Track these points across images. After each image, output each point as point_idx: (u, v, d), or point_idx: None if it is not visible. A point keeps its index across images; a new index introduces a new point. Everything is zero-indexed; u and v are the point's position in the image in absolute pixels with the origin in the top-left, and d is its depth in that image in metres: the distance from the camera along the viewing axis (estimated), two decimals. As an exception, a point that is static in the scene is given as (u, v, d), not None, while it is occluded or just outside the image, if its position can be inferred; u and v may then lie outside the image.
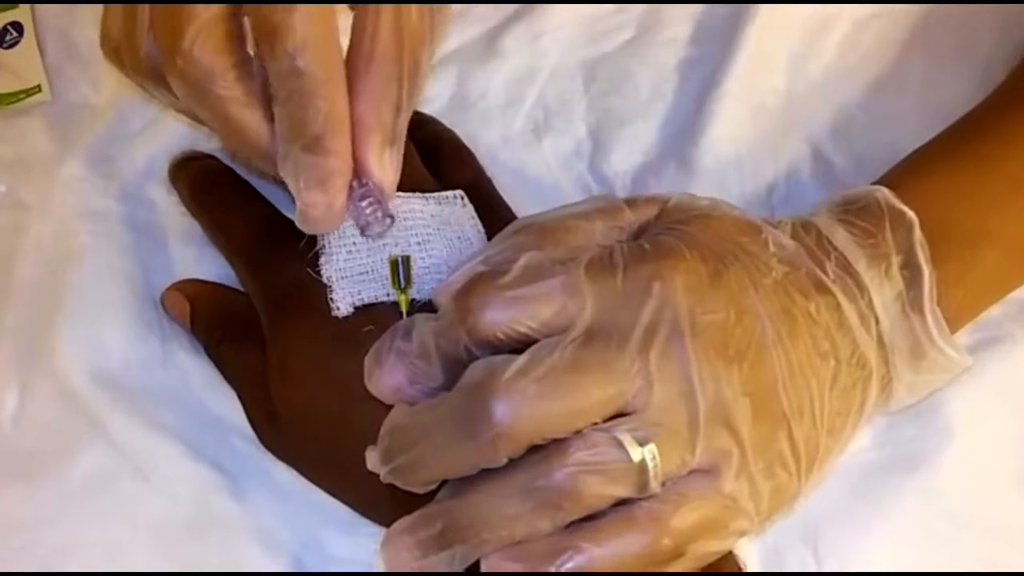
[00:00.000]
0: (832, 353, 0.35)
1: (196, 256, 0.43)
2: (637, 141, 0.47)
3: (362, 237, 0.38)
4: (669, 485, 0.33)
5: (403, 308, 0.37)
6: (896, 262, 0.36)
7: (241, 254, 0.41)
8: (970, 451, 0.40)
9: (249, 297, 0.41)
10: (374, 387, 0.35)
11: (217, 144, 0.45)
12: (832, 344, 0.35)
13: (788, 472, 0.34)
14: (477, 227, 0.40)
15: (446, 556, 0.33)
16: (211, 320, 0.41)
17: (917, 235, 0.37)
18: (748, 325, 0.34)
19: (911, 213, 0.37)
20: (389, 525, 0.34)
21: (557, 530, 0.33)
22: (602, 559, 0.32)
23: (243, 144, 0.36)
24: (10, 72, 0.47)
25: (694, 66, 0.48)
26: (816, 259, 0.36)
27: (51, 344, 0.41)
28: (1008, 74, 0.44)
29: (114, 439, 0.40)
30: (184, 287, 0.42)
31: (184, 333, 0.42)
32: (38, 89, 0.47)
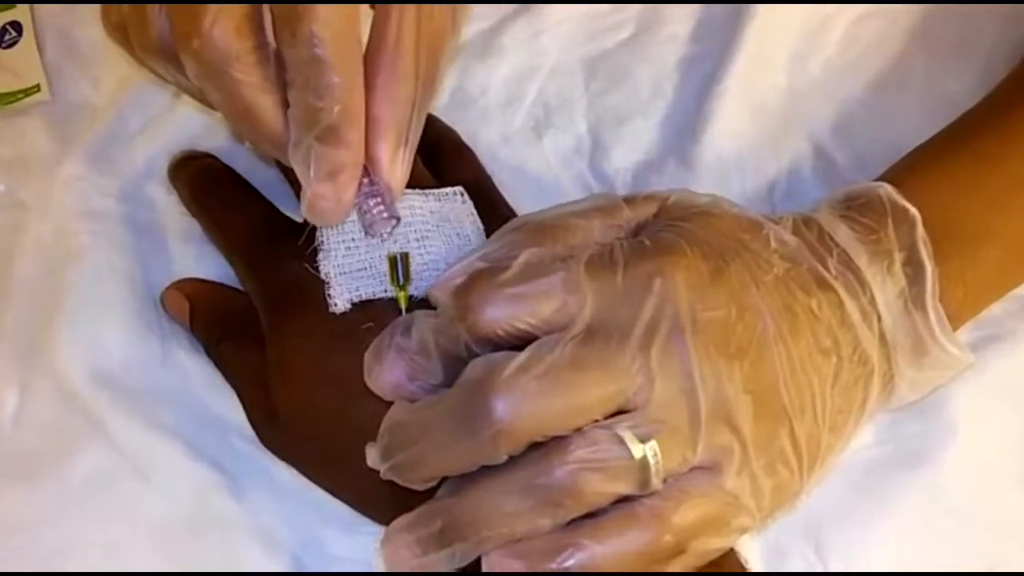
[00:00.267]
0: (834, 350, 0.35)
1: (195, 255, 0.43)
2: (638, 139, 0.46)
3: (361, 234, 0.38)
4: (670, 482, 0.33)
5: (402, 305, 0.37)
6: (899, 259, 0.36)
7: (240, 253, 0.41)
8: (972, 448, 0.40)
9: (249, 296, 0.41)
10: (373, 384, 0.35)
11: (218, 143, 0.45)
12: (834, 341, 0.35)
13: (790, 469, 0.34)
14: (476, 224, 0.40)
15: (446, 554, 0.33)
16: (211, 319, 0.41)
17: (920, 232, 0.37)
18: (749, 322, 0.34)
19: (914, 210, 0.37)
20: (389, 523, 0.34)
21: (558, 528, 0.33)
22: (603, 556, 0.32)
23: (255, 129, 0.35)
24: (9, 72, 0.47)
25: (695, 63, 0.48)
26: (818, 255, 0.36)
27: (51, 344, 0.41)
28: (1010, 71, 0.44)
29: (114, 439, 0.40)
30: (184, 286, 0.42)
31: (184, 332, 0.42)
32: (37, 89, 0.47)
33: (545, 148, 0.47)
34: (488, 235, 0.39)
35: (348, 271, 0.38)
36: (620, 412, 0.33)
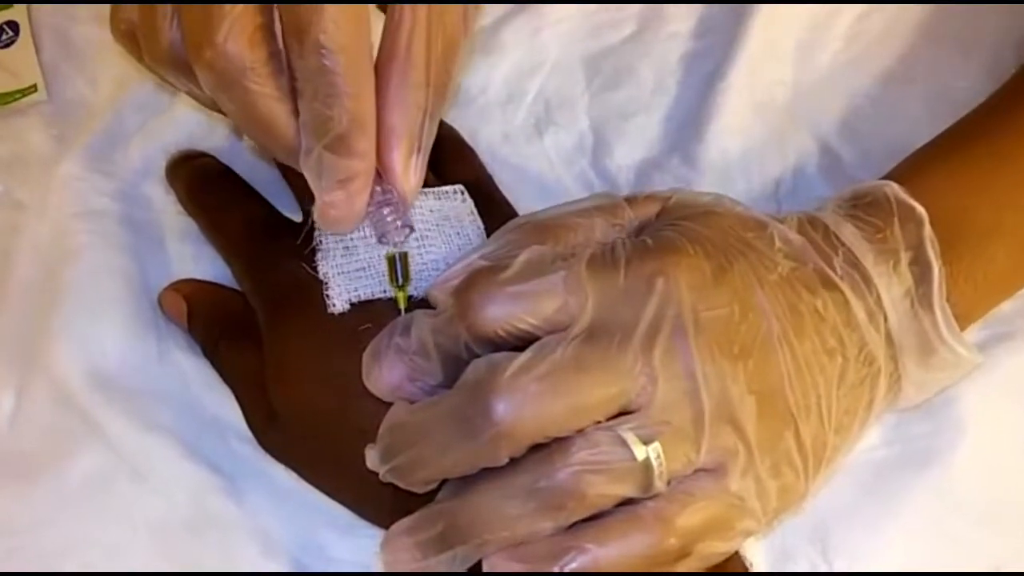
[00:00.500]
0: (839, 350, 0.35)
1: (193, 255, 0.43)
2: (640, 136, 0.46)
3: (360, 234, 0.38)
4: (674, 484, 0.33)
5: (401, 305, 0.37)
6: (905, 258, 0.36)
7: (237, 253, 0.41)
8: (982, 448, 0.40)
9: (247, 297, 0.40)
10: (372, 385, 0.35)
11: (215, 143, 0.45)
12: (839, 341, 0.35)
13: (795, 471, 0.34)
14: (476, 223, 0.40)
15: (447, 557, 0.33)
16: (208, 320, 0.41)
17: (927, 231, 0.36)
18: (753, 322, 0.33)
19: (921, 208, 0.37)
20: (388, 526, 0.34)
21: (560, 530, 0.32)
22: (606, 559, 0.32)
23: (267, 138, 0.35)
24: (6, 72, 0.47)
25: (698, 60, 0.47)
26: (823, 255, 0.36)
27: (48, 344, 0.41)
28: (1020, 67, 0.44)
29: (111, 440, 0.39)
30: (181, 287, 0.42)
31: (181, 333, 0.42)
32: (34, 88, 0.47)
33: (547, 146, 0.46)
34: (489, 234, 0.39)
35: (346, 271, 0.38)
36: (622, 413, 0.32)
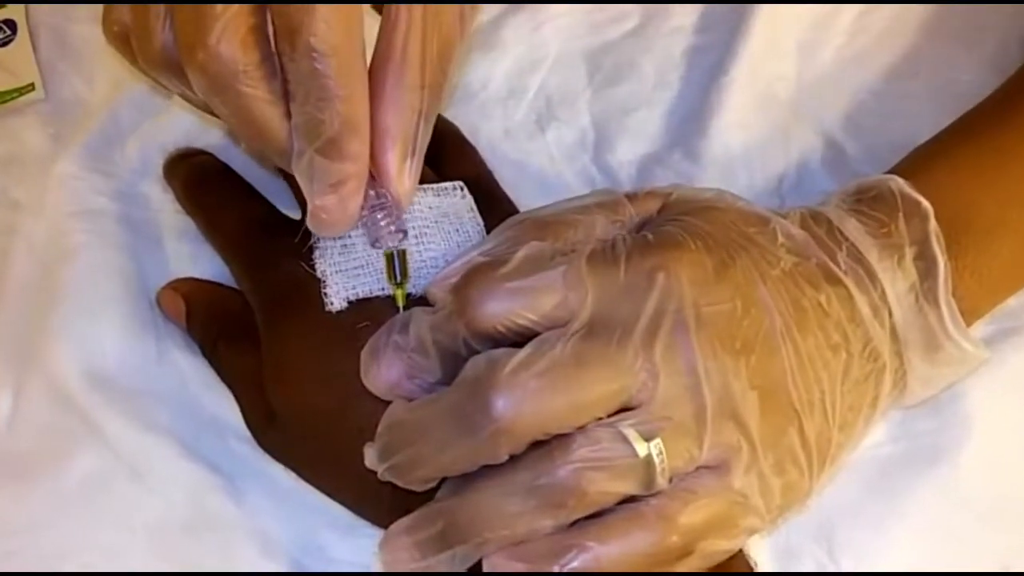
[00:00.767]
0: (843, 346, 0.34)
1: (191, 254, 0.43)
2: (643, 131, 0.46)
3: (358, 231, 0.37)
4: (677, 482, 0.32)
5: (399, 303, 0.36)
6: (910, 253, 0.36)
7: (235, 251, 0.41)
8: (989, 445, 0.39)
9: (245, 295, 0.40)
10: (371, 383, 0.35)
11: (213, 140, 0.45)
12: (843, 336, 0.34)
13: (799, 468, 0.34)
14: (476, 220, 0.40)
15: (446, 557, 0.33)
16: (207, 319, 0.41)
17: (932, 225, 0.36)
18: (756, 317, 0.33)
19: (926, 203, 0.36)
20: (388, 526, 0.34)
21: (561, 529, 0.32)
22: (608, 558, 0.32)
23: (260, 141, 0.35)
24: (4, 70, 0.47)
25: (701, 54, 0.47)
26: (827, 249, 0.36)
27: (45, 344, 0.40)
28: (1023, 61, 0.43)
29: (109, 440, 0.39)
30: (180, 286, 0.42)
31: (180, 332, 0.42)
32: (32, 87, 0.47)
33: (548, 142, 0.46)
34: (489, 231, 0.39)
35: (344, 269, 0.37)
36: (624, 410, 0.32)
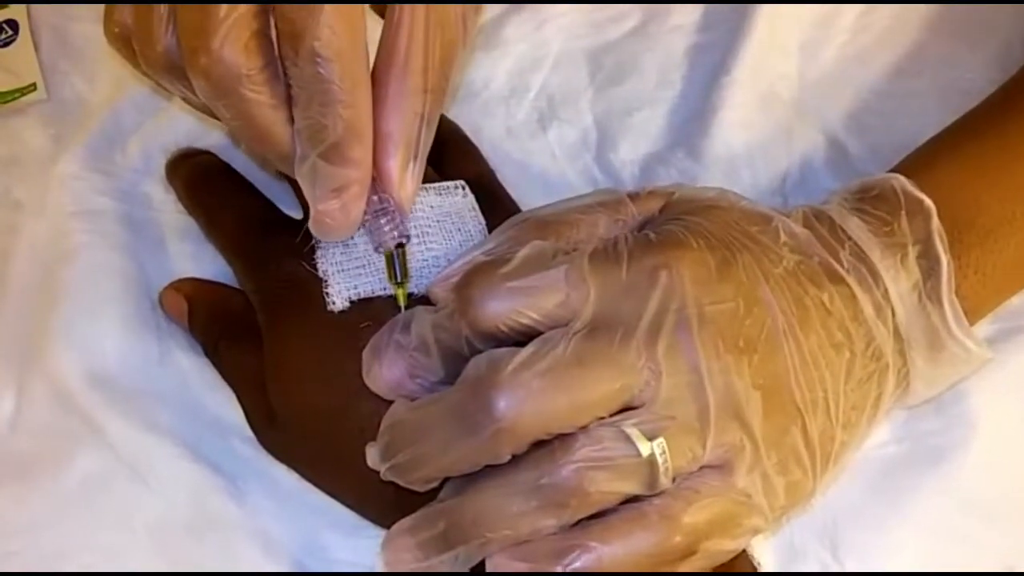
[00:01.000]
0: (846, 345, 0.34)
1: (193, 253, 0.43)
2: (645, 130, 0.46)
3: (360, 231, 0.37)
4: (680, 481, 0.32)
5: (401, 302, 0.36)
6: (913, 252, 0.36)
7: (237, 251, 0.41)
8: (992, 445, 0.39)
9: (247, 295, 0.40)
10: (372, 382, 0.34)
11: (215, 140, 0.45)
12: (846, 335, 0.34)
13: (802, 467, 0.34)
14: (478, 219, 0.39)
15: (449, 557, 0.33)
16: (209, 319, 0.41)
17: (935, 224, 0.36)
18: (758, 316, 0.33)
19: (929, 201, 0.36)
20: (390, 526, 0.34)
21: (564, 529, 0.32)
22: (611, 558, 0.32)
23: (263, 145, 0.35)
24: (6, 71, 0.47)
25: (703, 53, 0.47)
26: (829, 248, 0.36)
27: (47, 345, 0.40)
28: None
29: (111, 441, 0.39)
30: (182, 286, 0.42)
31: (182, 332, 0.41)
32: (34, 87, 0.47)
33: (550, 141, 0.46)
34: (491, 231, 0.39)
35: (346, 268, 0.37)
36: (626, 409, 0.32)
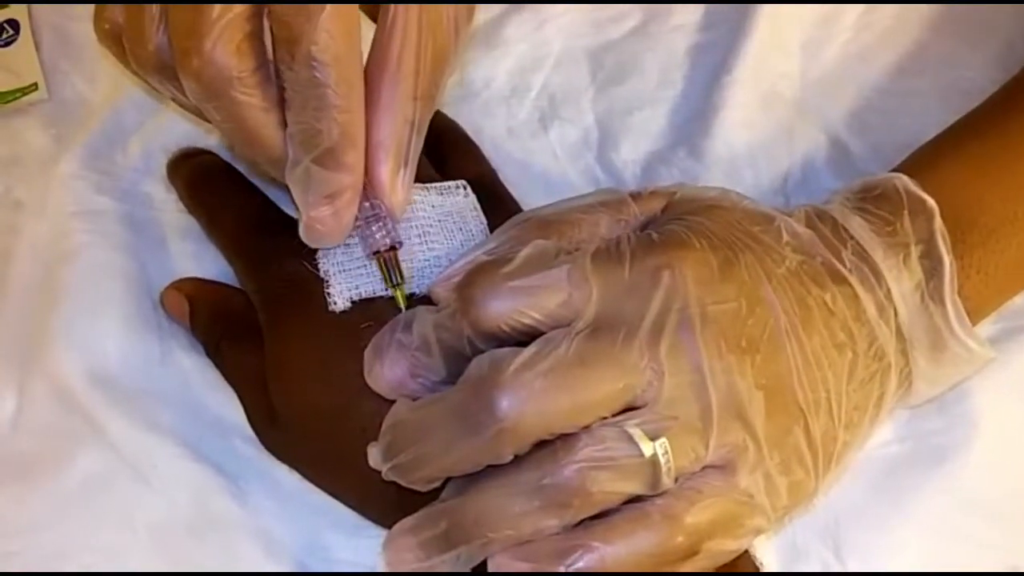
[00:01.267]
0: (849, 345, 0.34)
1: (194, 253, 0.43)
2: (647, 130, 0.46)
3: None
4: (682, 481, 0.32)
5: (401, 304, 0.36)
6: (915, 251, 0.36)
7: (238, 251, 0.40)
8: (995, 445, 0.39)
9: (248, 295, 0.40)
10: (374, 381, 0.34)
11: (216, 140, 0.45)
12: (849, 335, 0.34)
13: (805, 467, 0.34)
14: (479, 218, 0.39)
15: (451, 557, 0.33)
16: (210, 319, 0.41)
17: (937, 223, 0.36)
18: (761, 316, 0.33)
19: (931, 201, 0.36)
20: (391, 526, 0.34)
21: (566, 529, 0.32)
22: (614, 558, 0.32)
23: (253, 149, 0.35)
24: (7, 70, 0.47)
25: (704, 52, 0.47)
26: (832, 248, 0.36)
27: (48, 345, 0.40)
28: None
29: (112, 440, 0.39)
30: (183, 286, 0.41)
31: (184, 332, 0.41)
32: (35, 87, 0.46)
33: (551, 141, 0.46)
34: (493, 231, 0.39)
35: (348, 269, 0.37)
36: (629, 409, 0.32)
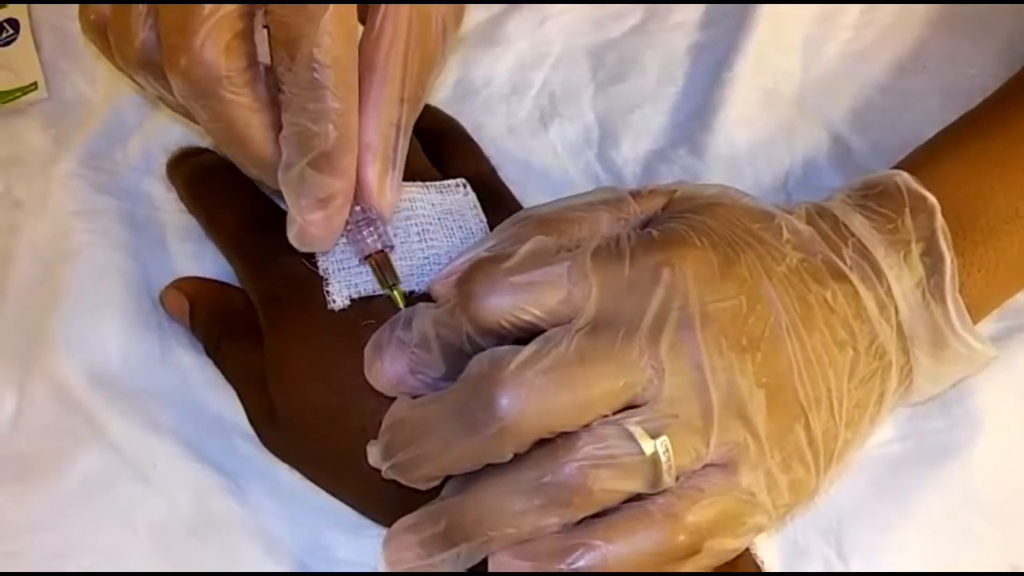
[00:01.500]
0: (850, 342, 0.34)
1: (194, 252, 0.43)
2: (647, 128, 0.46)
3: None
4: (683, 480, 0.32)
5: (399, 303, 0.36)
6: (916, 249, 0.36)
7: (238, 249, 0.40)
8: (997, 443, 0.39)
9: (248, 294, 0.40)
10: (374, 379, 0.34)
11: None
12: (850, 333, 0.34)
13: (806, 465, 0.34)
14: (479, 217, 0.39)
15: (451, 555, 0.32)
16: (210, 318, 0.41)
17: (939, 221, 0.36)
18: (761, 313, 0.33)
19: (932, 198, 0.36)
20: (391, 524, 0.34)
21: (567, 527, 0.32)
22: (615, 556, 0.32)
23: (240, 150, 0.35)
24: (7, 70, 0.47)
25: (705, 50, 0.47)
26: (833, 245, 0.35)
27: (48, 344, 0.40)
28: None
29: (113, 440, 0.39)
30: (183, 285, 0.41)
31: (184, 332, 0.41)
32: (35, 87, 0.46)
33: (552, 139, 0.46)
34: (493, 228, 0.39)
35: (347, 267, 0.37)
36: (629, 407, 0.32)
